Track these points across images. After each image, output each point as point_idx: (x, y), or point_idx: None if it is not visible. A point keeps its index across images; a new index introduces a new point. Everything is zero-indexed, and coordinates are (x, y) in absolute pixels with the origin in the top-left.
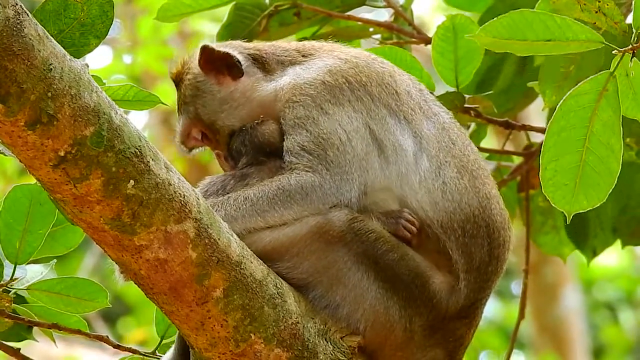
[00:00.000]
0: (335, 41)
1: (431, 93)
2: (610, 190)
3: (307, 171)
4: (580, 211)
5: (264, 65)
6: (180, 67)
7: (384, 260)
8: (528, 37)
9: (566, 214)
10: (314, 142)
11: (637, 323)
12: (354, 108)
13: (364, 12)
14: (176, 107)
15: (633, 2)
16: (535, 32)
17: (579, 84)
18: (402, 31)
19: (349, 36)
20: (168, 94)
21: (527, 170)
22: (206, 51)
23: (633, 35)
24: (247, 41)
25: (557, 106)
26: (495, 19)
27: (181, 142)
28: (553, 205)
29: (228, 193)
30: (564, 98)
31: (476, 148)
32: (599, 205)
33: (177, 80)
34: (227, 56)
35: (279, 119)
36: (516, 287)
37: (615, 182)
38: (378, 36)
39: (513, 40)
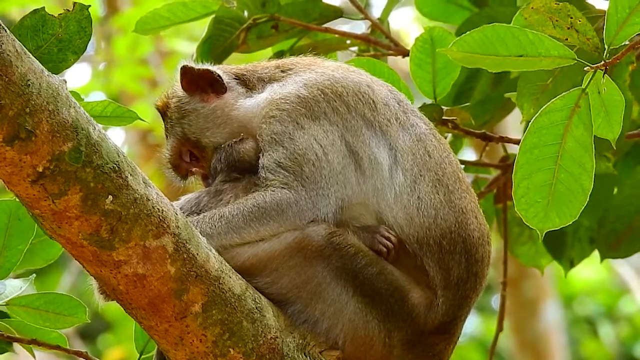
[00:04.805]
0: (315, 54)
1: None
2: (583, 208)
3: (282, 188)
4: (553, 229)
5: (246, 82)
6: (164, 98)
7: (363, 275)
8: (500, 52)
9: (538, 232)
10: (289, 158)
11: (616, 337)
12: (330, 120)
13: (341, 25)
14: (164, 135)
15: (605, 17)
16: (507, 47)
17: (550, 101)
18: (379, 43)
19: (326, 49)
20: (146, 112)
21: (504, 182)
22: (187, 71)
23: (605, 52)
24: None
25: (530, 123)
26: (468, 33)
27: (173, 165)
28: (525, 222)
29: (202, 209)
30: (536, 115)
31: (456, 159)
32: (571, 222)
33: (164, 110)
34: (208, 72)
35: (256, 135)
36: (496, 302)
37: (588, 199)
38: (355, 48)
39: (485, 55)
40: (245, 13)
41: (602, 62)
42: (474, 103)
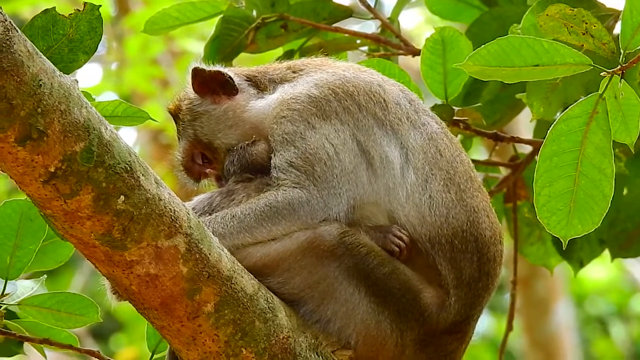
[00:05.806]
0: (325, 54)
1: None
2: (605, 214)
3: (294, 187)
4: (576, 236)
5: (257, 84)
6: (176, 101)
7: (375, 275)
8: (516, 63)
9: (562, 240)
10: (301, 157)
11: (628, 336)
12: (341, 120)
13: (351, 24)
14: (176, 138)
15: (620, 18)
16: (523, 57)
17: (568, 108)
18: (389, 43)
19: (336, 48)
20: (157, 112)
21: (514, 182)
22: (198, 73)
23: (621, 56)
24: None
25: (548, 131)
26: (483, 46)
27: (185, 167)
28: (548, 231)
29: (215, 209)
30: (555, 123)
31: (468, 158)
32: (593, 229)
33: (176, 112)
34: (219, 74)
35: (268, 136)
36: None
37: (609, 205)
38: (365, 48)
39: (501, 67)
40: (254, 12)
41: (619, 66)
42: (484, 102)
